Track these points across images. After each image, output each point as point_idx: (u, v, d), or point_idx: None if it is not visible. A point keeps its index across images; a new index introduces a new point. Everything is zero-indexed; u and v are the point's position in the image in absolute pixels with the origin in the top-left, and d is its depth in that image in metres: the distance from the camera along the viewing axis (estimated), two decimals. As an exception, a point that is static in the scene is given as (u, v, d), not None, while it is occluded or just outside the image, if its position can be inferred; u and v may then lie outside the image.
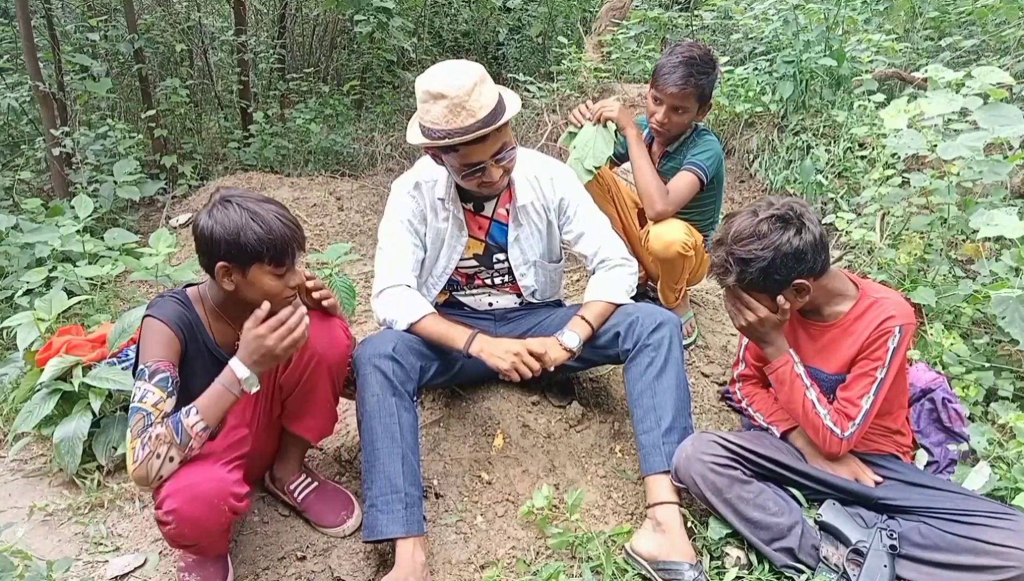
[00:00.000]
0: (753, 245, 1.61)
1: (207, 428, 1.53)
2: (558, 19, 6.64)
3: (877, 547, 1.57)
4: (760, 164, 3.88)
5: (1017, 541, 1.46)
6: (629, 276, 2.05)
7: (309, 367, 1.77)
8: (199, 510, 1.49)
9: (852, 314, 1.72)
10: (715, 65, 2.26)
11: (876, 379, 1.67)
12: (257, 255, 1.55)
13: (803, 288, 1.65)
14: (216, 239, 1.54)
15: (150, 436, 1.48)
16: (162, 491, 1.50)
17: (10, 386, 2.39)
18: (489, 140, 1.77)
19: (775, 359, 1.77)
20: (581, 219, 2.06)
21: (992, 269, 2.25)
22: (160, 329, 1.60)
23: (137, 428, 1.49)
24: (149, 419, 1.50)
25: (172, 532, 1.50)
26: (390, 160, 4.95)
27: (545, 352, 1.85)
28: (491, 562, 1.78)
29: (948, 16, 4.62)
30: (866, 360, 1.68)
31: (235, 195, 1.57)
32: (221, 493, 1.51)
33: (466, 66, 1.77)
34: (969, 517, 1.54)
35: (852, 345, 1.71)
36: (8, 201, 4.11)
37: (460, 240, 2.03)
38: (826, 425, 1.69)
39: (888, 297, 1.70)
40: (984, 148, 2.26)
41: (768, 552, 1.63)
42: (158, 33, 5.54)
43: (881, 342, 1.66)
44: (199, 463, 1.55)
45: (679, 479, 1.73)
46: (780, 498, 1.67)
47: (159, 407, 1.52)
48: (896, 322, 1.65)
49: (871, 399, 1.67)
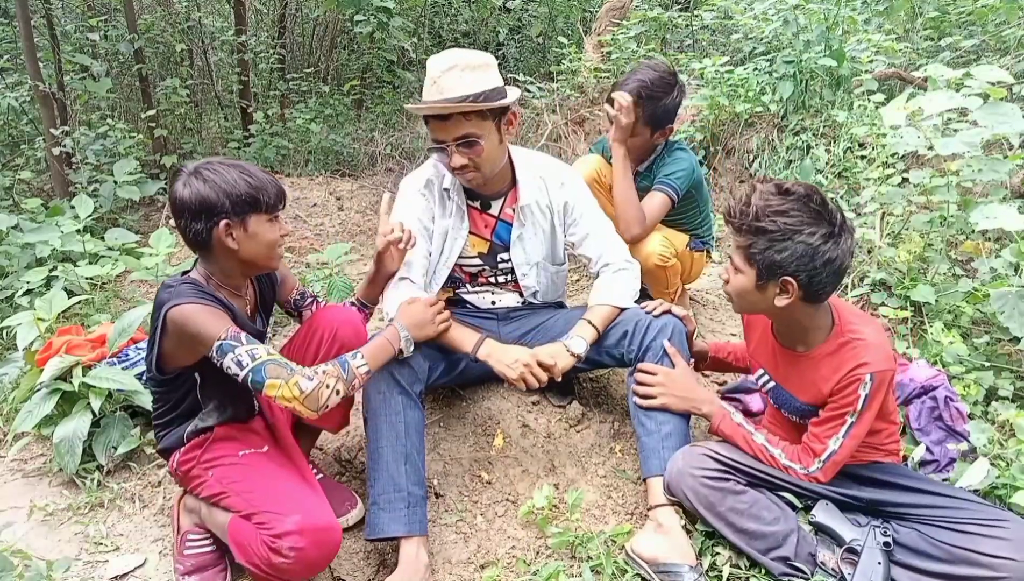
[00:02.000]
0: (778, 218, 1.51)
1: (370, 371, 1.67)
2: (558, 19, 6.65)
3: (871, 545, 1.57)
4: (760, 164, 3.88)
5: (1009, 551, 1.45)
6: (633, 279, 2.05)
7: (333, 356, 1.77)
8: (320, 555, 1.52)
9: (824, 349, 1.63)
10: (673, 88, 2.23)
11: (847, 423, 1.59)
12: (254, 203, 1.60)
13: (788, 288, 1.55)
14: (211, 200, 1.55)
15: (316, 371, 1.56)
16: (287, 523, 1.49)
17: (10, 386, 2.39)
18: (451, 122, 1.81)
19: (713, 419, 1.78)
20: (586, 222, 2.07)
21: (992, 266, 2.25)
22: (202, 310, 1.56)
23: (281, 371, 1.53)
24: (283, 361, 1.55)
25: (284, 566, 1.48)
26: (390, 160, 4.95)
27: (555, 363, 1.85)
28: (491, 562, 1.78)
29: (948, 16, 4.62)
30: (836, 404, 1.61)
31: (204, 162, 1.60)
32: (338, 543, 1.57)
33: (464, 53, 1.85)
34: (962, 525, 1.53)
35: (822, 381, 1.63)
36: (8, 201, 4.11)
37: (460, 231, 2.03)
38: (783, 464, 1.68)
39: (864, 339, 1.58)
40: (984, 148, 2.26)
41: (765, 562, 1.62)
42: (158, 33, 5.53)
43: (851, 389, 1.57)
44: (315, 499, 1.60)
45: (671, 493, 1.73)
46: (775, 505, 1.66)
47: (273, 353, 1.57)
48: (867, 370, 1.54)
49: (840, 441, 1.60)
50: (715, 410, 1.80)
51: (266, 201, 1.61)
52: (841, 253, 1.51)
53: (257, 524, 1.53)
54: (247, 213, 1.60)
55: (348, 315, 1.86)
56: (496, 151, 1.90)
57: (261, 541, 1.50)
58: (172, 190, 1.60)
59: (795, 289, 1.55)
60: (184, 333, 1.55)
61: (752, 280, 1.59)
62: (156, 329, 1.60)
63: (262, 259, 1.67)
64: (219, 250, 1.62)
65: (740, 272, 1.61)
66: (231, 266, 1.67)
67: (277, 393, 1.52)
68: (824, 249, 1.50)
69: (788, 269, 1.53)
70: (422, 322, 1.79)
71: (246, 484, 1.63)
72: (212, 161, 1.62)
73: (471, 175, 1.90)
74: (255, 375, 1.52)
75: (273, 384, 1.52)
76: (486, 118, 1.83)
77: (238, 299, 1.74)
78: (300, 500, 1.58)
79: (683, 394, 1.83)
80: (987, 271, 2.29)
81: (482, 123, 1.83)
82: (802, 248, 1.50)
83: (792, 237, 1.50)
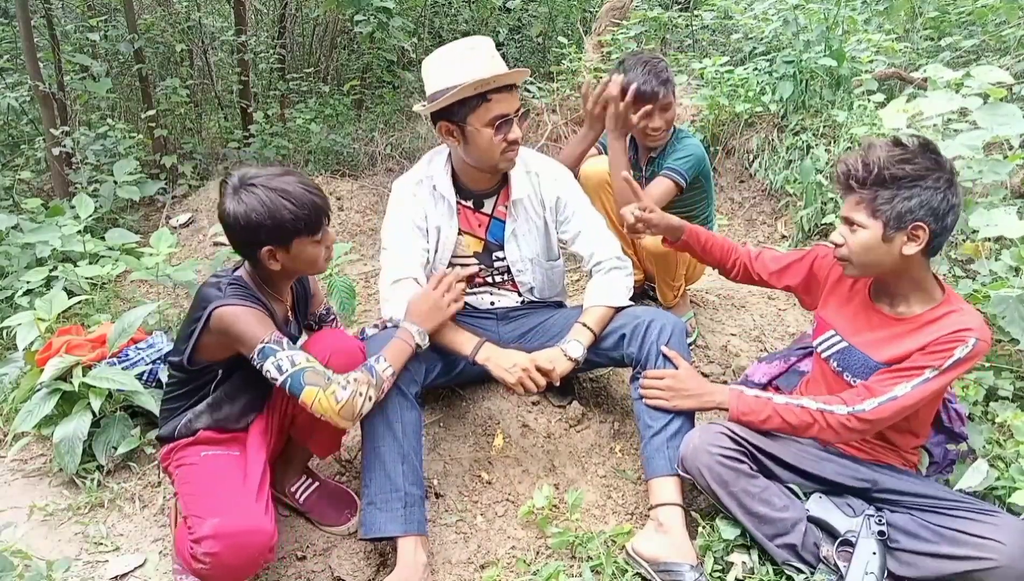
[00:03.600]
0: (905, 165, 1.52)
1: (395, 374, 1.69)
2: (558, 19, 6.65)
3: (865, 535, 1.57)
4: (760, 164, 3.88)
5: (996, 534, 1.46)
6: (626, 278, 2.05)
7: None
8: (239, 560, 1.48)
9: (926, 316, 1.61)
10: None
11: (924, 375, 1.55)
12: (296, 231, 1.60)
13: (919, 234, 1.53)
14: (254, 226, 1.56)
15: (348, 379, 1.58)
16: (204, 527, 1.46)
17: (10, 386, 2.39)
18: (515, 93, 1.87)
19: (730, 405, 1.75)
20: (578, 219, 2.07)
21: (992, 268, 2.25)
22: (249, 313, 1.59)
23: (319, 379, 1.55)
24: (320, 369, 1.58)
25: (203, 571, 1.48)
26: (390, 160, 4.95)
27: (553, 368, 1.85)
28: (491, 562, 1.78)
29: (948, 16, 4.62)
30: (925, 355, 1.57)
31: (254, 176, 1.59)
32: (264, 547, 1.50)
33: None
34: (953, 510, 1.55)
35: (914, 343, 1.60)
36: (8, 201, 4.10)
37: (451, 229, 2.03)
38: (815, 408, 1.64)
39: (971, 313, 1.58)
40: (984, 148, 2.25)
41: (771, 548, 1.63)
42: (158, 33, 5.53)
43: (948, 347, 1.54)
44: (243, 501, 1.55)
45: (685, 469, 1.72)
46: (784, 494, 1.67)
47: (312, 360, 1.58)
48: (972, 334, 1.53)
49: (908, 388, 1.56)
50: (728, 396, 1.77)
51: (308, 227, 1.61)
52: (959, 199, 1.54)
53: (188, 528, 1.52)
54: (290, 239, 1.61)
55: (345, 344, 1.80)
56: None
57: (187, 545, 1.49)
58: (220, 204, 1.60)
59: (926, 234, 1.54)
60: (228, 333, 1.58)
61: (878, 233, 1.56)
62: (199, 324, 1.61)
63: (307, 271, 1.75)
64: (264, 264, 1.64)
65: (863, 228, 1.58)
66: (275, 274, 1.69)
67: (313, 402, 1.53)
68: (948, 194, 1.52)
69: (918, 214, 1.53)
70: (432, 309, 1.81)
71: (190, 486, 1.63)
72: (260, 175, 1.60)
73: (517, 151, 1.94)
74: (293, 380, 1.54)
75: (310, 392, 1.53)
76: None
77: (279, 303, 1.76)
78: (226, 503, 1.54)
79: (693, 392, 1.82)
80: (987, 273, 2.29)
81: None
82: (929, 193, 1.51)
83: (920, 183, 1.52)
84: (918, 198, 1.52)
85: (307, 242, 1.63)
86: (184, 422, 1.74)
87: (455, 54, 1.83)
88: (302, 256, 1.65)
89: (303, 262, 1.67)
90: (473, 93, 1.80)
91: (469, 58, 1.81)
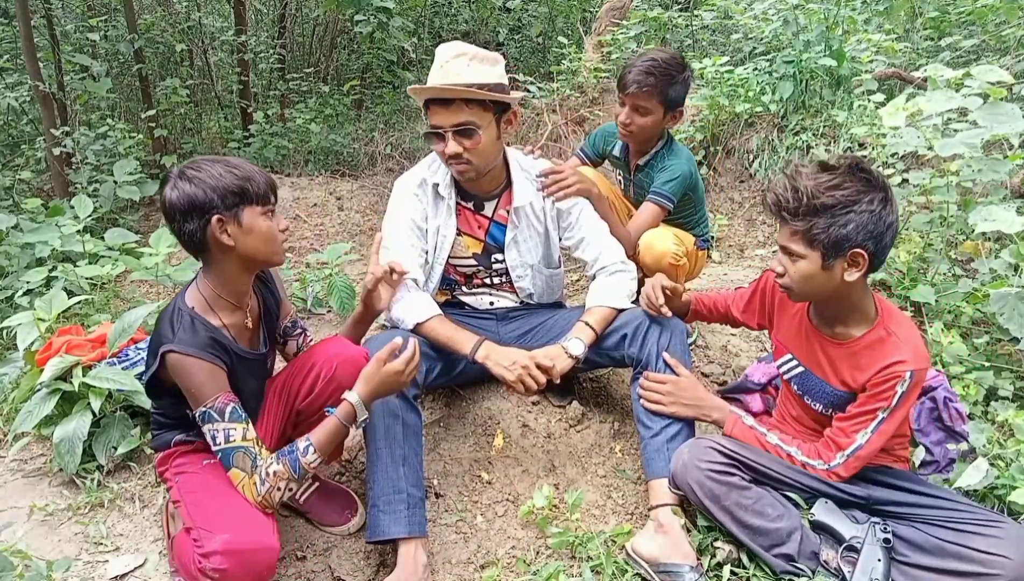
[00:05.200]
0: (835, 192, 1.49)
1: (322, 461, 1.60)
2: (558, 19, 6.65)
3: (871, 541, 1.57)
4: (760, 164, 3.88)
5: (1003, 549, 1.45)
6: (630, 281, 2.05)
7: (332, 399, 1.73)
8: (248, 577, 1.47)
9: (864, 340, 1.63)
10: (683, 70, 2.21)
11: (877, 418, 1.58)
12: (243, 194, 1.55)
13: (859, 260, 1.52)
14: (199, 198, 1.52)
15: (268, 473, 1.54)
16: (214, 543, 1.44)
17: (10, 386, 2.39)
18: (453, 107, 1.80)
19: (725, 425, 1.78)
20: (582, 225, 2.07)
21: (992, 266, 2.25)
22: (198, 367, 1.54)
23: (246, 464, 1.54)
24: (251, 452, 1.55)
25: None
26: (390, 160, 4.95)
27: (553, 366, 1.84)
28: (491, 562, 1.78)
29: (948, 16, 4.62)
30: (871, 397, 1.59)
31: (188, 163, 1.58)
32: (271, 566, 1.50)
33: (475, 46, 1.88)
34: (958, 524, 1.53)
35: (858, 371, 1.63)
36: (8, 201, 4.10)
37: (449, 230, 2.03)
38: (800, 461, 1.68)
39: (905, 337, 1.58)
40: (984, 148, 2.26)
41: (768, 558, 1.62)
42: (158, 33, 5.53)
43: (889, 385, 1.56)
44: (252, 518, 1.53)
45: (676, 486, 1.73)
46: (779, 503, 1.66)
47: (249, 437, 1.55)
48: (907, 367, 1.54)
49: (868, 435, 1.59)
50: (726, 416, 1.80)
51: (255, 191, 1.57)
52: (896, 216, 1.52)
53: (193, 540, 1.50)
54: (238, 205, 1.55)
55: (351, 353, 1.76)
56: (492, 147, 1.90)
57: (192, 558, 1.47)
58: (162, 196, 1.56)
59: (865, 259, 1.53)
60: (179, 380, 1.57)
61: (817, 262, 1.55)
62: (153, 361, 1.59)
63: (262, 254, 1.61)
64: (216, 250, 1.58)
65: (801, 258, 1.57)
66: (232, 267, 1.61)
67: (238, 483, 1.54)
68: (884, 214, 1.50)
69: (856, 241, 1.51)
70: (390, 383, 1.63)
71: (195, 496, 1.61)
72: (197, 160, 1.58)
73: (463, 167, 1.88)
74: (224, 456, 1.55)
75: (235, 474, 1.55)
76: (487, 110, 1.83)
77: (239, 313, 1.68)
78: (235, 518, 1.52)
79: (692, 402, 1.83)
80: (987, 272, 2.29)
81: (483, 114, 1.83)
82: (864, 217, 1.49)
83: (853, 208, 1.49)
84: (854, 224, 1.49)
85: (257, 214, 1.57)
86: (176, 438, 1.72)
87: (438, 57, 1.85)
88: (255, 230, 1.57)
89: (258, 238, 1.58)
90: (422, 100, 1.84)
91: (438, 64, 1.83)
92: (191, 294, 1.64)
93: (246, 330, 1.70)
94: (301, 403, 1.78)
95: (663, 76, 2.17)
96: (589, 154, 2.57)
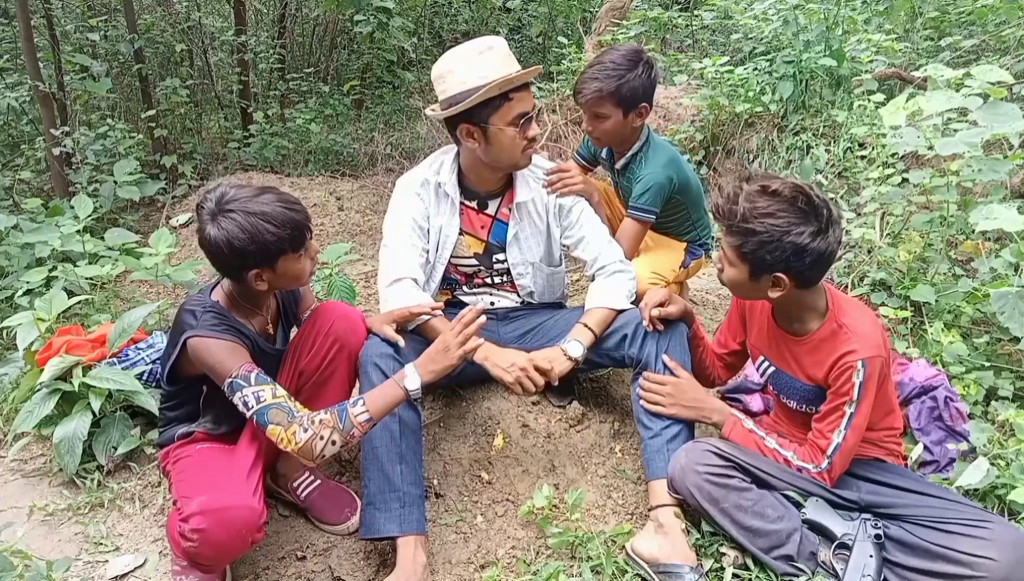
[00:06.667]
0: (766, 219, 1.52)
1: (371, 420, 1.58)
2: (558, 19, 6.65)
3: (862, 538, 1.57)
4: (760, 164, 3.88)
5: (988, 551, 1.45)
6: (629, 282, 2.05)
7: (331, 353, 1.80)
8: (227, 536, 1.48)
9: (819, 334, 1.66)
10: (635, 65, 2.10)
11: (846, 414, 1.60)
12: (280, 251, 1.60)
13: (779, 283, 1.58)
14: (237, 251, 1.55)
15: (312, 420, 1.54)
16: (192, 505, 1.47)
17: (10, 386, 2.39)
18: (530, 91, 1.90)
19: (724, 428, 1.79)
20: (582, 224, 2.07)
21: (992, 266, 2.25)
22: (220, 345, 1.60)
23: (281, 418, 1.53)
24: (284, 406, 1.55)
25: (192, 549, 1.49)
26: (390, 160, 4.95)
27: (551, 368, 1.84)
28: (491, 562, 1.78)
29: (948, 16, 4.62)
30: (834, 394, 1.62)
31: (230, 199, 1.57)
32: (251, 524, 1.51)
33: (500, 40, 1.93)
34: (946, 525, 1.54)
35: (818, 366, 1.65)
36: (8, 201, 4.11)
37: (452, 229, 2.03)
38: (797, 466, 1.69)
39: (855, 326, 1.61)
40: (984, 148, 2.26)
41: (767, 560, 1.62)
42: (158, 33, 5.53)
43: (845, 378, 1.58)
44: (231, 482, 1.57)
45: (675, 490, 1.73)
46: (779, 504, 1.66)
47: (279, 395, 1.57)
48: (857, 356, 1.56)
49: (842, 433, 1.61)
50: (725, 419, 1.80)
51: (292, 246, 1.61)
52: (828, 246, 1.54)
53: (177, 510, 1.54)
54: (275, 260, 1.61)
55: (345, 310, 1.86)
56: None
57: (176, 527, 1.50)
58: (199, 225, 1.59)
59: (787, 283, 1.57)
60: (202, 363, 1.60)
61: (745, 274, 1.61)
62: (174, 350, 1.63)
63: (291, 285, 1.75)
64: (253, 286, 1.65)
65: (733, 266, 1.63)
66: (261, 293, 1.71)
67: (277, 439, 1.54)
68: (813, 246, 1.51)
69: (778, 267, 1.55)
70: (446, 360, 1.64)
71: (183, 473, 1.66)
72: (237, 198, 1.57)
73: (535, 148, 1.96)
74: (259, 417, 1.55)
75: (274, 430, 1.54)
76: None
77: (258, 317, 1.76)
78: (215, 482, 1.56)
79: (692, 404, 1.84)
80: (987, 271, 2.29)
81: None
82: (791, 248, 1.52)
83: (781, 238, 1.51)
84: (779, 252, 1.52)
85: (291, 259, 1.64)
86: (181, 431, 1.77)
87: (472, 56, 1.82)
88: (288, 272, 1.65)
89: (289, 278, 1.67)
90: (498, 93, 1.80)
91: (489, 59, 1.81)
92: (220, 293, 1.72)
93: (265, 330, 1.79)
94: (304, 360, 1.81)
95: (610, 78, 2.09)
96: (584, 157, 2.55)
